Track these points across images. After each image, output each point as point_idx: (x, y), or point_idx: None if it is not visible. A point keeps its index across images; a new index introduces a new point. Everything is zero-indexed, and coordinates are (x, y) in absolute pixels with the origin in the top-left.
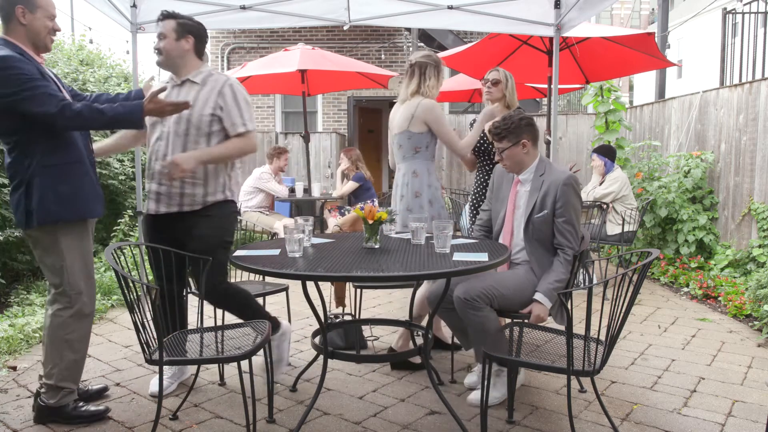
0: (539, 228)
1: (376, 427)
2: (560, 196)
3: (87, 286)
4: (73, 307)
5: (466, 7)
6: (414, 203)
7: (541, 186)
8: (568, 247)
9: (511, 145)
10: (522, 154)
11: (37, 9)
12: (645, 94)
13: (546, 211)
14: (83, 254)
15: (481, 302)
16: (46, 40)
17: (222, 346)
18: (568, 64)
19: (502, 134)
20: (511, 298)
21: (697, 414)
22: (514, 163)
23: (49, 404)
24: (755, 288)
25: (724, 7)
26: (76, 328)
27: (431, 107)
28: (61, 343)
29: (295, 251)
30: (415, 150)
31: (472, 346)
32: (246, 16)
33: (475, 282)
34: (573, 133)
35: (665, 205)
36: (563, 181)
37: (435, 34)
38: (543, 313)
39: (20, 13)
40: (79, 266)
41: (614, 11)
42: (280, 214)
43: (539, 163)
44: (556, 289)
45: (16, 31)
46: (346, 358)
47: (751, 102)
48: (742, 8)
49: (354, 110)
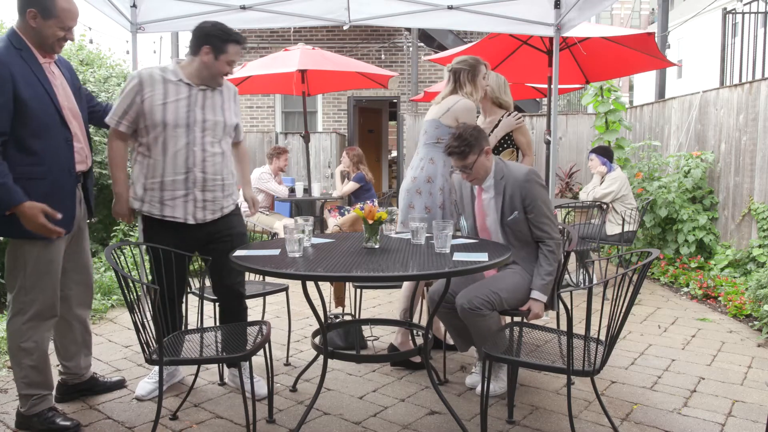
0: (516, 229)
1: (376, 427)
2: (526, 195)
3: (42, 293)
4: (26, 314)
5: (466, 7)
6: (425, 187)
7: (504, 189)
8: (547, 238)
9: (477, 157)
10: (487, 161)
11: (52, 18)
12: (645, 94)
13: (516, 212)
14: (42, 260)
15: (485, 309)
16: (53, 45)
17: (222, 346)
18: (568, 64)
19: (466, 150)
20: (509, 299)
21: (697, 414)
22: (481, 173)
23: (20, 411)
24: (755, 288)
25: (724, 7)
26: (32, 335)
27: (469, 109)
28: (17, 351)
29: (295, 251)
30: (437, 140)
31: (470, 347)
32: (246, 16)
33: (475, 289)
34: (573, 133)
35: (665, 205)
36: (524, 179)
37: (435, 34)
38: (540, 309)
39: (31, 16)
40: (34, 271)
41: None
42: (280, 214)
43: (496, 166)
44: (549, 282)
45: (26, 28)
46: (346, 358)
47: (751, 102)
48: (742, 8)
49: (354, 110)
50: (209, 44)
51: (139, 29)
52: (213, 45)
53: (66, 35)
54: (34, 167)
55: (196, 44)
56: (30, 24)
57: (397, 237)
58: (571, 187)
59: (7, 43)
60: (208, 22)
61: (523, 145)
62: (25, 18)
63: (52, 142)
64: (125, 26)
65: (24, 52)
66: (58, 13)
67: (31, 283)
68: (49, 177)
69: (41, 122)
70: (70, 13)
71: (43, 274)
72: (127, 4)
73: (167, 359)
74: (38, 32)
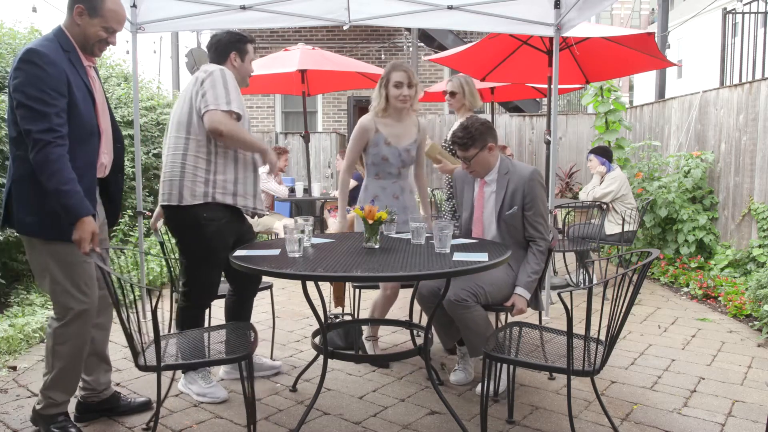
0: (510, 224)
1: (376, 427)
2: (528, 192)
3: (75, 300)
4: (62, 319)
5: (466, 7)
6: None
7: (507, 184)
8: (539, 239)
9: (479, 151)
10: (490, 157)
11: (97, 17)
12: (645, 94)
13: (515, 207)
14: (68, 266)
15: (470, 300)
16: (93, 48)
17: (219, 347)
18: (568, 64)
19: (468, 143)
20: (494, 293)
21: (697, 414)
22: (482, 167)
23: (35, 408)
24: (755, 288)
25: (724, 7)
26: (67, 337)
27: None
28: (49, 352)
29: (295, 251)
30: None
31: (454, 344)
32: (246, 16)
33: (459, 282)
34: (573, 133)
35: (665, 205)
36: (529, 177)
37: (435, 34)
38: (524, 305)
39: (77, 13)
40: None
41: (614, 11)
42: (280, 214)
43: (501, 162)
44: (534, 281)
45: (72, 27)
46: (346, 358)
47: (751, 102)
48: (742, 8)
49: (354, 110)
50: (234, 50)
51: (139, 29)
52: (238, 50)
53: (108, 38)
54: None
55: (221, 54)
56: (76, 21)
57: (397, 237)
58: (571, 187)
59: (56, 44)
60: (217, 33)
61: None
62: (72, 15)
63: (88, 148)
64: (125, 26)
65: (71, 55)
66: (105, 13)
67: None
68: (82, 184)
69: (85, 129)
70: (116, 14)
71: (74, 277)
72: (127, 4)
73: (164, 365)
74: (83, 31)
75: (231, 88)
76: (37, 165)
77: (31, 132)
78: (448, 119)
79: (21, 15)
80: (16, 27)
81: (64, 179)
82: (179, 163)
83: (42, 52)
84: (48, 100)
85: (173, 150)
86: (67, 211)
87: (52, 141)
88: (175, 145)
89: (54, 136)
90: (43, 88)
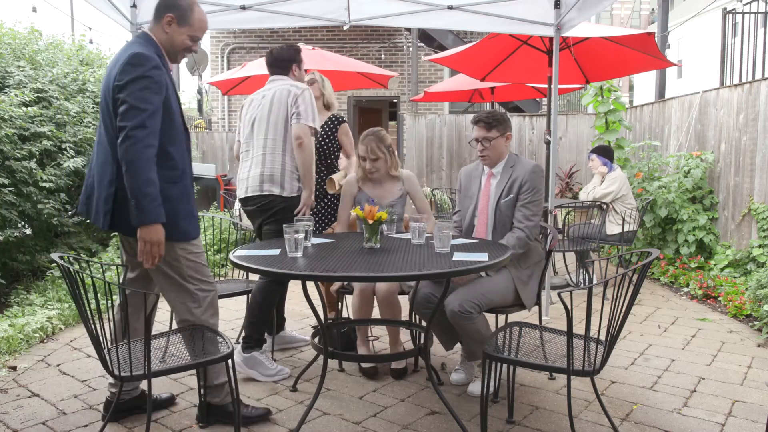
0: (505, 213)
1: (376, 427)
2: (526, 180)
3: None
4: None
5: (466, 7)
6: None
7: (511, 176)
8: (518, 228)
9: (499, 136)
10: (504, 146)
11: (187, 26)
12: (645, 94)
13: (512, 195)
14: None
15: (474, 312)
16: (177, 54)
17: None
18: (568, 64)
19: (493, 123)
20: (497, 300)
21: (697, 414)
22: (496, 154)
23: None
24: (755, 288)
25: (724, 7)
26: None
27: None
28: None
29: (295, 251)
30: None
31: (455, 345)
32: (246, 16)
33: (465, 293)
34: (573, 133)
35: (665, 205)
36: (531, 169)
37: (435, 34)
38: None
39: (167, 21)
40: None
41: (614, 11)
42: None
43: (509, 156)
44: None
45: (159, 33)
46: (346, 358)
47: (751, 102)
48: (742, 8)
49: (354, 110)
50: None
51: (139, 29)
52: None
53: (192, 46)
54: (174, 171)
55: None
56: (164, 29)
57: (397, 237)
58: (571, 187)
59: (151, 50)
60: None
61: (346, 145)
62: (160, 23)
63: (181, 147)
64: (125, 26)
65: (162, 59)
66: (193, 22)
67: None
68: (182, 181)
69: (178, 130)
70: (203, 24)
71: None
72: (127, 4)
73: (155, 370)
74: (170, 38)
75: (315, 107)
76: (127, 162)
77: (126, 128)
78: (448, 119)
79: (21, 15)
80: (16, 27)
81: (149, 180)
82: (279, 161)
83: (149, 55)
84: (149, 99)
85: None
86: (143, 212)
87: (143, 139)
88: (273, 146)
89: (146, 133)
90: (148, 86)
